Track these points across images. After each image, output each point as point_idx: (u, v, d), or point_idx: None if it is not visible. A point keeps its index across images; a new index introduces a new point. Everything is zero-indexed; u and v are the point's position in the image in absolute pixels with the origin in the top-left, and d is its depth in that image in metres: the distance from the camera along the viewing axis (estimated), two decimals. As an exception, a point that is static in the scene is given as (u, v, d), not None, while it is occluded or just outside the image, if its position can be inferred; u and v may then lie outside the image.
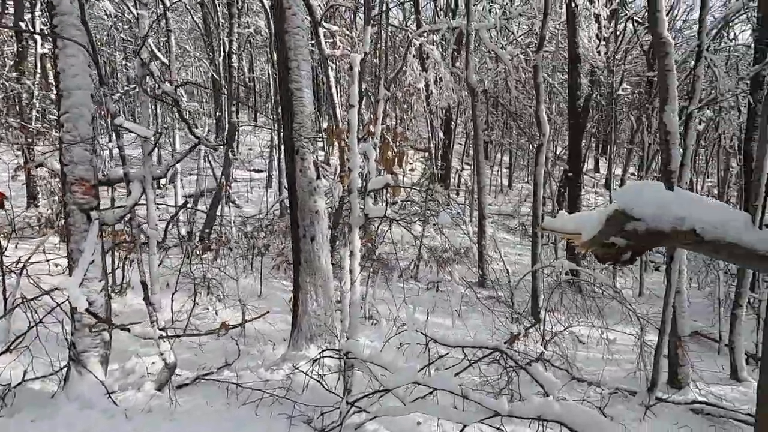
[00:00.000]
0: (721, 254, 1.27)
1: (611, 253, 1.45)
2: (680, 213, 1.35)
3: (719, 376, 6.37)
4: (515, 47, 13.16)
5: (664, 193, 1.40)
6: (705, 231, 1.30)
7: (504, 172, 21.73)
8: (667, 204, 1.38)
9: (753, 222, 1.22)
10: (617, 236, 1.45)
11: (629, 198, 1.42)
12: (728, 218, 1.27)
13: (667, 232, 1.37)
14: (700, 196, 1.34)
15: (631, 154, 15.87)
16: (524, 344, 6.40)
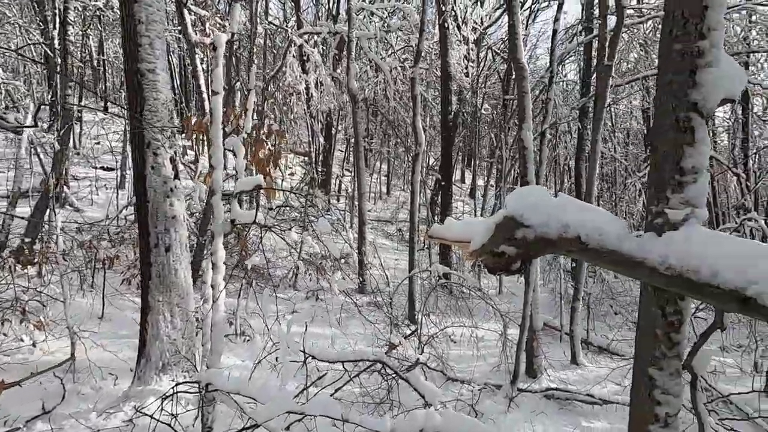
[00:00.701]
0: (603, 261, 1.25)
1: (501, 263, 1.34)
2: (566, 220, 1.30)
3: (563, 363, 7.31)
4: (394, 59, 13.65)
5: (550, 199, 1.34)
6: (589, 238, 1.27)
7: (383, 179, 22.47)
8: (554, 211, 1.32)
9: (631, 229, 1.22)
10: (507, 244, 1.35)
11: (519, 204, 1.33)
12: (610, 226, 1.25)
13: (553, 239, 1.31)
14: (584, 203, 1.30)
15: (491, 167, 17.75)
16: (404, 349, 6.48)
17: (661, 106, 1.20)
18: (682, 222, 1.18)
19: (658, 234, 1.21)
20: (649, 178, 1.25)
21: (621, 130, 20.01)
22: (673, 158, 1.18)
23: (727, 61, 1.13)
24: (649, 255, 1.17)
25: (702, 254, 1.09)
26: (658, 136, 1.21)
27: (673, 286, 1.14)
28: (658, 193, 1.22)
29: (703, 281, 1.08)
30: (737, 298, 1.03)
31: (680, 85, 1.15)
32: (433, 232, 1.66)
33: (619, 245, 1.23)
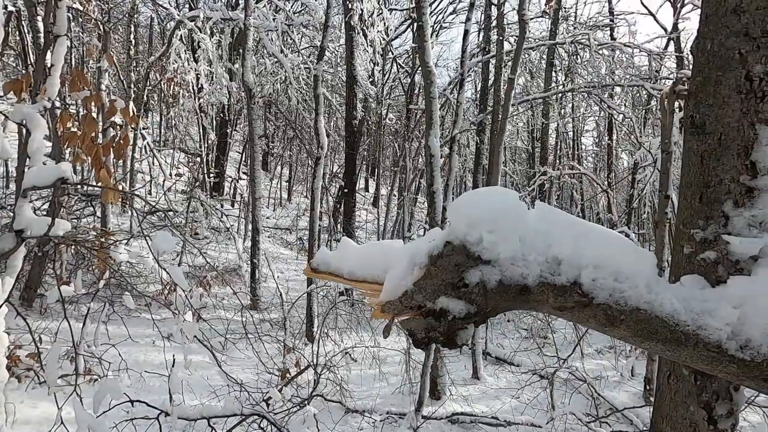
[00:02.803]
0: (618, 327, 0.69)
1: (439, 330, 0.71)
2: (556, 251, 0.71)
3: (465, 378, 7.12)
4: (297, 57, 12.77)
5: (525, 213, 0.75)
6: (596, 286, 0.69)
7: (284, 185, 21.23)
8: (534, 234, 0.72)
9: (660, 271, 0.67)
10: (451, 296, 0.72)
11: (472, 220, 0.71)
12: (632, 264, 0.69)
13: (531, 286, 0.72)
14: (584, 221, 0.73)
15: (395, 176, 17.75)
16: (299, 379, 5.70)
17: (715, 55, 0.68)
18: (753, 260, 0.68)
19: (708, 280, 0.69)
20: (687, 178, 0.73)
21: (510, 147, 21.62)
22: (738, 146, 0.68)
23: None
24: (709, 321, 0.64)
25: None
26: (712, 108, 0.69)
27: (754, 382, 0.62)
28: (707, 208, 0.70)
29: (817, 376, 0.57)
30: None
31: (757, 15, 0.65)
32: (317, 264, 0.96)
33: (651, 301, 0.67)
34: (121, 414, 3.61)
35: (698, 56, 0.72)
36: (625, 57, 13.51)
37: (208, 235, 11.08)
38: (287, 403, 4.18)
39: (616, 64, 14.08)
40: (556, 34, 12.41)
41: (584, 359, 7.05)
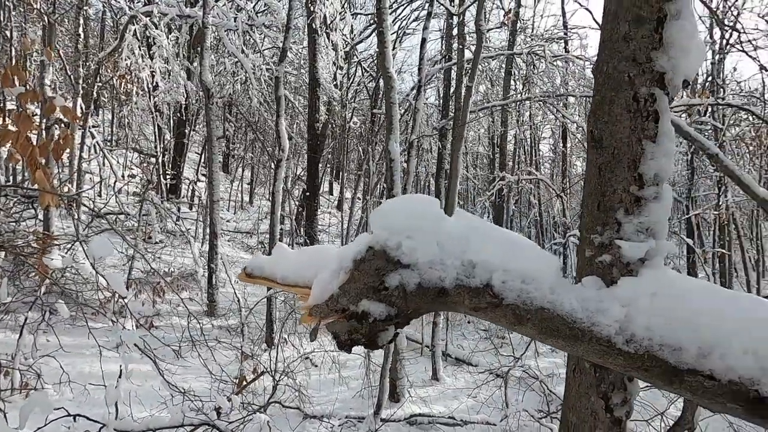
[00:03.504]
0: (524, 326, 0.74)
1: (361, 332, 0.73)
2: (470, 255, 0.76)
3: (424, 380, 7.22)
4: (259, 58, 12.56)
5: (443, 219, 0.79)
6: (506, 288, 0.74)
7: (246, 187, 20.74)
8: (451, 239, 0.77)
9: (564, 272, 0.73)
10: (372, 299, 0.75)
11: (392, 226, 0.75)
12: (538, 267, 0.75)
13: (448, 288, 0.76)
14: (497, 226, 0.78)
15: (359, 180, 17.78)
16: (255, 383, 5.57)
17: (609, 77, 0.76)
18: (640, 261, 0.75)
19: (605, 281, 0.76)
20: (588, 187, 0.80)
21: (472, 153, 22.17)
22: (628, 159, 0.75)
23: (694, 20, 0.75)
24: (601, 319, 0.70)
25: (686, 320, 0.66)
26: (607, 124, 0.77)
27: (637, 371, 0.69)
28: (603, 215, 0.77)
29: (687, 366, 0.64)
30: (743, 397, 0.61)
31: (642, 43, 0.73)
32: (252, 269, 0.97)
33: (554, 301, 0.73)
34: (62, 429, 3.41)
35: (597, 77, 0.80)
36: (577, 69, 14.20)
37: (163, 239, 10.64)
38: (242, 411, 4.09)
39: (569, 75, 14.79)
40: (514, 44, 12.88)
41: (538, 357, 7.33)
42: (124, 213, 9.57)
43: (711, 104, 8.69)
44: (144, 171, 11.17)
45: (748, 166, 12.43)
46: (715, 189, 11.56)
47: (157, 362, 2.89)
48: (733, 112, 10.92)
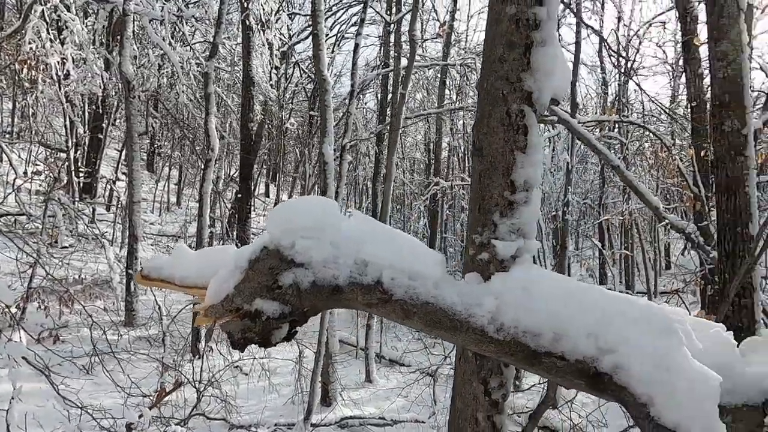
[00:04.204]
0: (412, 319, 0.80)
1: (255, 331, 0.75)
2: (363, 254, 0.81)
3: (358, 382, 7.25)
4: (188, 50, 11.90)
5: (339, 219, 0.83)
6: (394, 284, 0.80)
7: (173, 188, 19.47)
8: (346, 239, 0.81)
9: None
10: (265, 297, 0.76)
11: (287, 226, 0.77)
12: (424, 264, 0.82)
13: (342, 286, 0.80)
14: (388, 227, 0.84)
15: (295, 182, 17.46)
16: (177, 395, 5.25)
17: (488, 93, 0.85)
18: (512, 259, 0.84)
19: (483, 277, 0.84)
20: (472, 192, 0.88)
21: (409, 158, 22.73)
22: (502, 167, 0.84)
23: (558, 48, 0.86)
24: (476, 311, 0.78)
25: (545, 309, 0.75)
26: (486, 135, 0.85)
27: (505, 356, 0.77)
28: (483, 217, 0.85)
29: (544, 349, 0.74)
30: (586, 373, 0.71)
31: (513, 65, 0.83)
32: (149, 271, 0.94)
33: (437, 296, 0.80)
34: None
35: (480, 93, 0.89)
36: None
37: (73, 243, 9.67)
38: (159, 426, 3.84)
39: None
40: (448, 55, 13.41)
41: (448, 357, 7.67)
42: (26, 214, 8.56)
43: (616, 121, 9.70)
44: (50, 167, 10.09)
45: (647, 176, 14.03)
46: (621, 197, 12.89)
47: (51, 377, 2.62)
48: (635, 129, 12.27)
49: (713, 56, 3.52)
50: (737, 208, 3.36)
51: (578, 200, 15.56)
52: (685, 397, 0.60)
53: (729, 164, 3.40)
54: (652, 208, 5.50)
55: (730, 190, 3.38)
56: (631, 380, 0.65)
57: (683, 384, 0.61)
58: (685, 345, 0.65)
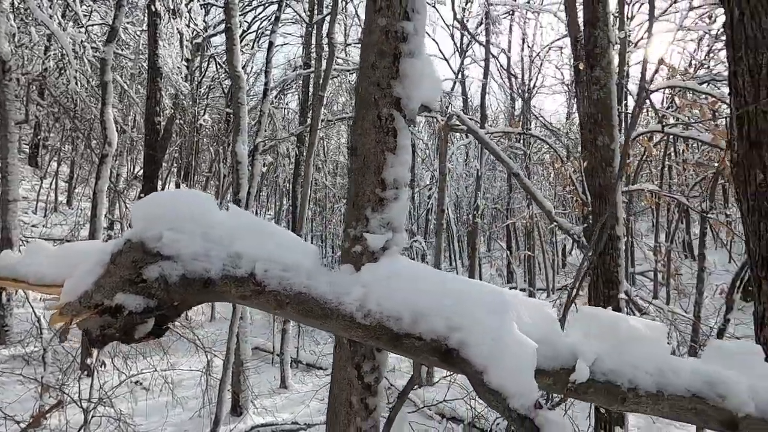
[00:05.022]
0: (285, 310, 0.83)
1: (116, 326, 0.72)
2: (236, 247, 0.82)
3: (273, 388, 7.05)
4: (81, 32, 10.66)
5: (211, 213, 0.83)
6: (268, 276, 0.82)
7: (63, 186, 17.23)
8: (219, 233, 0.82)
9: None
10: (128, 292, 0.74)
11: (154, 219, 0.76)
12: (297, 256, 0.85)
13: (215, 278, 0.80)
14: (263, 221, 0.86)
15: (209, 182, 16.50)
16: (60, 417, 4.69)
17: (362, 98, 0.91)
18: (382, 251, 0.91)
19: (355, 266, 0.90)
20: (348, 189, 0.94)
21: (332, 161, 22.67)
22: (374, 166, 0.91)
23: (427, 60, 0.96)
24: (346, 299, 0.83)
25: (406, 295, 0.83)
26: (360, 136, 0.92)
27: (372, 340, 0.83)
28: (357, 212, 0.92)
29: (404, 331, 0.81)
30: (438, 350, 0.80)
31: (384, 72, 0.90)
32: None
33: (309, 286, 0.83)
34: None
35: (356, 96, 0.95)
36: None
37: (-75, 249, 8.13)
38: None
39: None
40: (369, 61, 13.56)
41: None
42: None
43: (520, 133, 10.64)
44: None
45: (546, 184, 15.57)
46: (525, 202, 14.13)
47: None
48: (536, 141, 13.57)
49: (589, 80, 4.03)
50: (607, 211, 3.87)
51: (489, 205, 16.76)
52: (509, 364, 0.71)
53: (601, 174, 3.91)
54: (545, 212, 6.11)
55: (602, 197, 3.90)
56: (471, 353, 0.75)
57: (509, 352, 0.72)
58: (514, 321, 0.76)
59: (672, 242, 12.32)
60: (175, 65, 9.70)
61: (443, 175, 6.56)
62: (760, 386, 0.78)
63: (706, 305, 7.30)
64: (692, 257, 13.12)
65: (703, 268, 6.73)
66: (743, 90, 1.69)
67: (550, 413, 0.64)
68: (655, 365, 0.80)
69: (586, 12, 3.98)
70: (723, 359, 0.83)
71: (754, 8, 1.65)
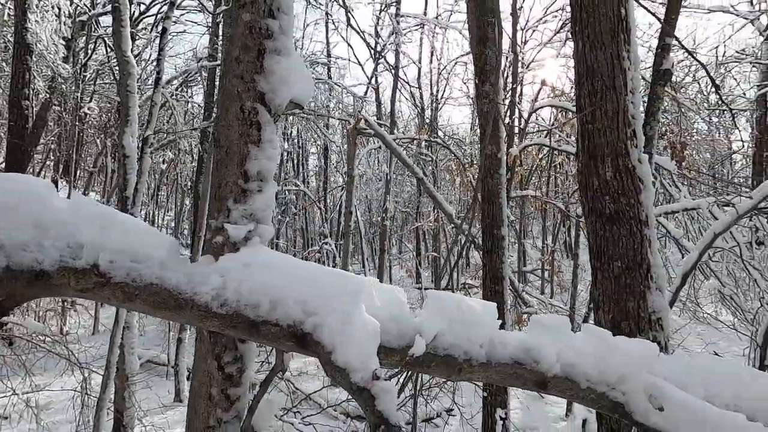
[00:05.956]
0: (136, 303, 0.80)
1: None
2: (79, 237, 0.77)
3: (166, 402, 6.50)
4: None
5: (52, 202, 0.78)
6: (113, 267, 0.79)
7: None
8: (56, 222, 0.76)
9: (193, 253, 0.84)
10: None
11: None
12: (150, 246, 0.83)
13: (49, 271, 0.75)
14: (116, 211, 0.82)
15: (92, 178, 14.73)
16: None
17: (226, 90, 0.92)
18: (244, 241, 0.92)
19: (216, 257, 0.90)
20: (211, 180, 0.93)
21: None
22: (237, 158, 0.92)
23: (299, 62, 0.99)
24: (202, 288, 0.83)
25: (265, 283, 0.85)
26: (223, 128, 0.92)
27: (229, 329, 0.84)
28: (219, 203, 0.92)
29: (262, 318, 0.83)
30: (295, 335, 0.83)
31: (248, 66, 0.92)
32: None
33: (162, 276, 0.82)
34: None
35: (221, 88, 0.96)
36: (338, 94, 15.78)
37: None
38: None
39: (332, 98, 16.27)
40: (280, 59, 13.28)
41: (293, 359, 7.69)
42: None
43: (426, 140, 11.22)
44: None
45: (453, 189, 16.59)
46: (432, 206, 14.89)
47: None
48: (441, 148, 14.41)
49: (479, 94, 4.41)
50: (494, 215, 4.26)
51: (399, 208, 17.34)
52: (355, 342, 0.77)
53: (489, 180, 4.29)
54: (447, 215, 6.49)
55: (490, 201, 4.28)
56: (323, 335, 0.80)
57: (356, 332, 0.78)
58: (363, 303, 0.83)
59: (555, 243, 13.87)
60: (51, 43, 8.49)
61: (351, 177, 6.67)
62: (564, 351, 0.95)
63: (581, 297, 8.40)
64: (572, 257, 14.91)
65: (578, 266, 7.72)
66: (584, 109, 2.01)
67: (384, 383, 0.72)
68: (487, 338, 0.93)
69: (478, 32, 4.35)
70: (541, 331, 0.99)
71: (593, 42, 1.98)
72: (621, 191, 1.90)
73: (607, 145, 1.92)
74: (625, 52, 1.94)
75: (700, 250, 2.76)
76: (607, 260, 1.94)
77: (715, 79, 5.84)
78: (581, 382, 0.94)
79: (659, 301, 1.90)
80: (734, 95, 16.07)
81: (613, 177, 1.92)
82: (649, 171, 1.98)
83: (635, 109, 1.97)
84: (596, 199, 1.96)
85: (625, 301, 1.89)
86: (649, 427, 0.89)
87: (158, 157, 15.18)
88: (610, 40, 1.94)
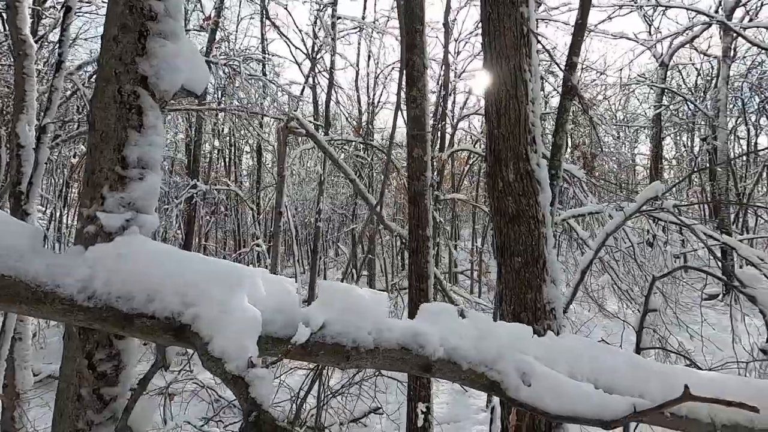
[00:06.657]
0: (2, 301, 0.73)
1: None
2: None
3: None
4: None
5: None
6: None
7: None
8: None
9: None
10: None
11: None
12: (9, 236, 0.75)
13: None
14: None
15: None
16: None
17: (103, 70, 0.86)
18: (121, 231, 0.87)
19: (86, 248, 0.84)
20: (85, 166, 0.87)
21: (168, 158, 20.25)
22: (114, 143, 0.87)
23: (190, 48, 0.96)
24: (65, 280, 0.77)
25: (141, 274, 0.81)
26: (99, 110, 0.86)
27: (97, 323, 0.79)
28: (92, 190, 0.86)
29: (137, 311, 0.79)
30: (172, 327, 0.80)
31: (127, 47, 0.87)
32: None
33: (17, 268, 0.75)
34: None
35: (98, 67, 0.90)
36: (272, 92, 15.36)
37: None
38: None
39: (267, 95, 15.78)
40: (210, 52, 12.72)
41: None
42: None
43: (361, 142, 11.29)
44: None
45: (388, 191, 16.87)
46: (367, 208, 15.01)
47: None
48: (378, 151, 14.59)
49: (408, 99, 4.53)
50: (419, 215, 4.39)
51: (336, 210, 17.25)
52: (233, 331, 0.76)
53: (415, 182, 4.41)
54: (378, 217, 6.56)
55: (416, 202, 4.40)
56: (201, 326, 0.78)
57: (234, 322, 0.78)
58: (245, 293, 0.83)
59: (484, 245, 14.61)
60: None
61: (281, 177, 6.51)
62: (448, 336, 1.01)
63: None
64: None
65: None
66: (491, 116, 2.15)
67: (259, 370, 0.72)
68: (375, 326, 0.97)
69: (407, 39, 4.47)
70: (429, 317, 1.05)
71: (499, 53, 2.13)
72: (522, 192, 2.07)
73: (510, 150, 2.08)
74: (526, 64, 2.11)
75: (595, 249, 3.07)
76: (510, 256, 2.09)
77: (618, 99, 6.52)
78: (462, 364, 1.00)
79: (553, 292, 2.09)
80: (637, 113, 18.03)
81: (515, 179, 2.07)
82: (546, 174, 2.17)
83: (535, 118, 2.15)
84: (501, 200, 2.11)
85: (525, 293, 2.05)
86: (519, 401, 0.98)
87: (68, 151, 13.78)
88: (514, 53, 2.10)
